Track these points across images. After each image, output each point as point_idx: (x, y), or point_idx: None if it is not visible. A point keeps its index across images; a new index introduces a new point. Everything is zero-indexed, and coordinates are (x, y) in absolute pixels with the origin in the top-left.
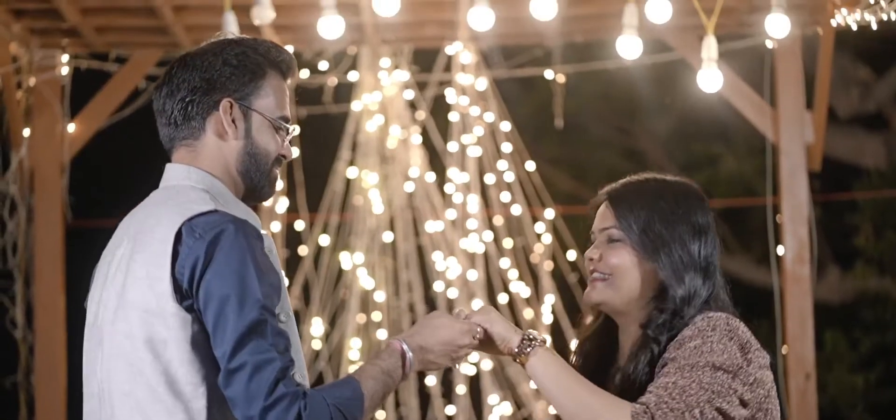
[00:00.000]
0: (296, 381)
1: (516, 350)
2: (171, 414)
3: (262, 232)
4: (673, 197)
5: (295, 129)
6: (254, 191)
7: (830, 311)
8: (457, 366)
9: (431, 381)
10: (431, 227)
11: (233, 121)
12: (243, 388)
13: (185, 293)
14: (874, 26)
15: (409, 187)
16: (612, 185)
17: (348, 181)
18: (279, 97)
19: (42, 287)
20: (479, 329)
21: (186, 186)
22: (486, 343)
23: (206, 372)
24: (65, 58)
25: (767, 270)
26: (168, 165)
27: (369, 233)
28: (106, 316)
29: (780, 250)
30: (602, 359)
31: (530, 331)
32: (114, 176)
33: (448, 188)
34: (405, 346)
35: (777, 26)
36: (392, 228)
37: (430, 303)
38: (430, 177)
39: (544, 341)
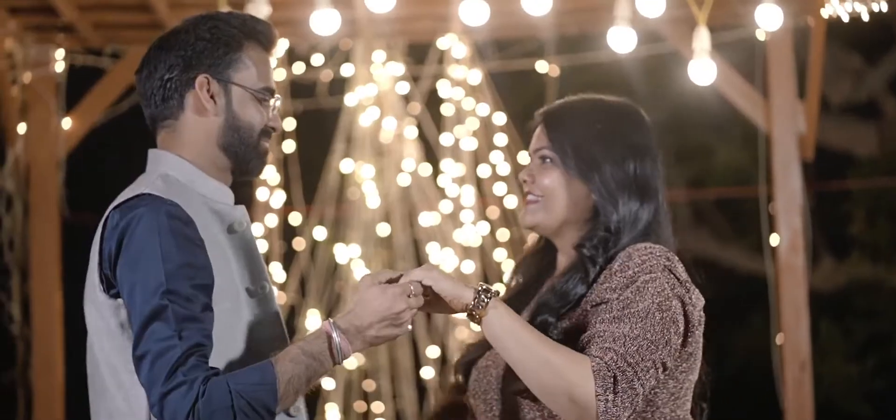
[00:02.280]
0: (200, 367)
1: (471, 304)
2: (113, 399)
3: (229, 206)
4: (608, 116)
5: (278, 100)
6: (241, 165)
7: (824, 301)
8: (405, 332)
9: (429, 373)
10: (426, 219)
11: (211, 96)
12: (146, 375)
13: (109, 282)
14: (865, 17)
15: (405, 180)
16: (548, 105)
17: (343, 175)
18: (261, 68)
19: (39, 282)
20: (412, 287)
21: (148, 173)
22: (434, 302)
23: None
24: (60, 54)
25: (762, 260)
26: (149, 152)
27: (365, 226)
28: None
29: (774, 240)
30: (538, 276)
31: (482, 283)
32: (110, 171)
33: (443, 181)
34: (332, 329)
35: (769, 17)
36: (388, 221)
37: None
38: (426, 169)
39: (498, 293)
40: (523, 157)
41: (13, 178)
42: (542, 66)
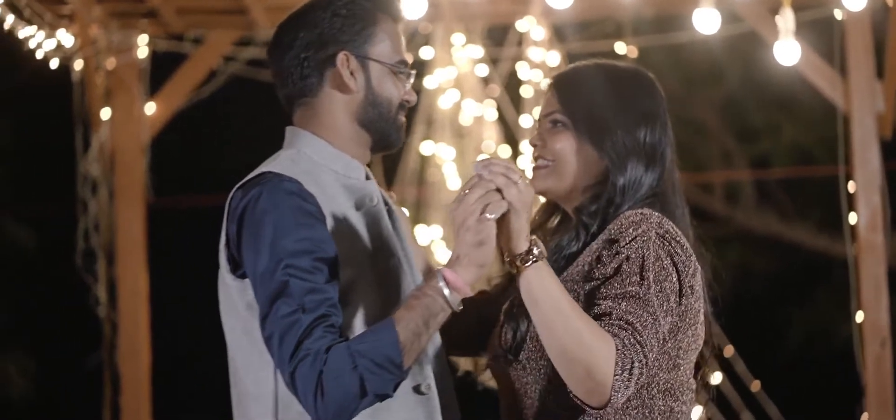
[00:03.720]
0: (325, 337)
1: (521, 253)
2: (242, 382)
3: (361, 181)
4: (620, 82)
5: (413, 73)
6: (381, 141)
7: (892, 278)
8: (489, 251)
9: None
10: None
11: (351, 73)
12: (277, 355)
13: (235, 262)
14: None
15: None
16: (560, 70)
17: (423, 157)
18: (394, 42)
19: (125, 266)
20: (477, 182)
21: (282, 150)
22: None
23: None
24: (143, 39)
25: (828, 238)
26: (286, 129)
27: (445, 207)
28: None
29: (853, 218)
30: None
31: (537, 240)
32: (193, 156)
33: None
34: (442, 270)
35: None
36: None
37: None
38: (505, 151)
39: (544, 254)
40: None
41: (99, 163)
42: (620, 48)
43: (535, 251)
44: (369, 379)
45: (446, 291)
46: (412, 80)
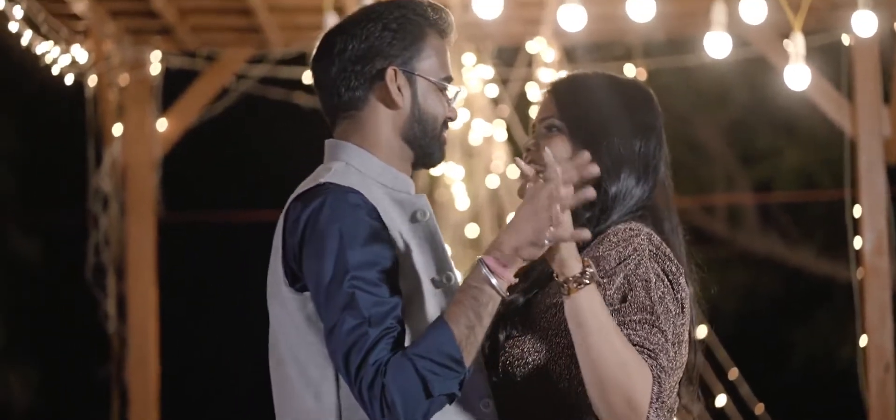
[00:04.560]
0: (388, 349)
1: (575, 274)
2: (301, 399)
3: (411, 196)
4: (617, 91)
5: (460, 91)
6: (424, 157)
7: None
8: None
9: None
10: None
11: (399, 88)
12: (344, 371)
13: (295, 275)
14: None
15: (494, 182)
16: (557, 77)
17: (433, 176)
18: (441, 58)
19: (135, 280)
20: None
21: (326, 163)
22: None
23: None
24: (156, 56)
25: (828, 262)
26: (325, 142)
27: (454, 227)
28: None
29: (858, 242)
30: None
31: (590, 262)
32: (204, 172)
33: None
34: (484, 258)
35: (864, 24)
36: (477, 222)
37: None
38: (514, 171)
39: (596, 277)
40: None
41: (110, 178)
42: (630, 69)
43: (589, 273)
44: (432, 380)
45: (493, 279)
46: (457, 98)
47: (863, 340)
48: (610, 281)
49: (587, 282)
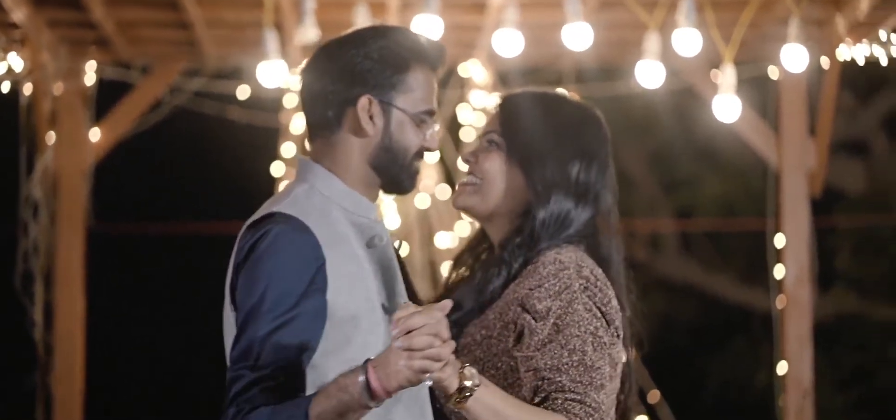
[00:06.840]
0: (259, 396)
1: (454, 393)
2: None
3: (371, 221)
4: (564, 114)
5: (436, 126)
6: (391, 184)
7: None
8: (423, 379)
9: None
10: (444, 240)
11: (371, 117)
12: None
13: (234, 297)
14: (884, 61)
15: (424, 202)
16: (510, 91)
17: None
18: (425, 91)
19: (63, 289)
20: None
21: (294, 182)
22: None
23: None
24: (91, 66)
25: (748, 290)
26: (299, 160)
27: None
28: None
29: (779, 272)
30: (475, 269)
31: (466, 368)
32: (135, 183)
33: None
34: (369, 364)
35: (794, 59)
36: (407, 241)
37: None
38: (444, 192)
39: (477, 381)
40: None
41: (41, 186)
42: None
43: (468, 384)
44: None
45: (366, 394)
46: (435, 129)
47: (781, 368)
48: (542, 323)
49: (468, 394)
